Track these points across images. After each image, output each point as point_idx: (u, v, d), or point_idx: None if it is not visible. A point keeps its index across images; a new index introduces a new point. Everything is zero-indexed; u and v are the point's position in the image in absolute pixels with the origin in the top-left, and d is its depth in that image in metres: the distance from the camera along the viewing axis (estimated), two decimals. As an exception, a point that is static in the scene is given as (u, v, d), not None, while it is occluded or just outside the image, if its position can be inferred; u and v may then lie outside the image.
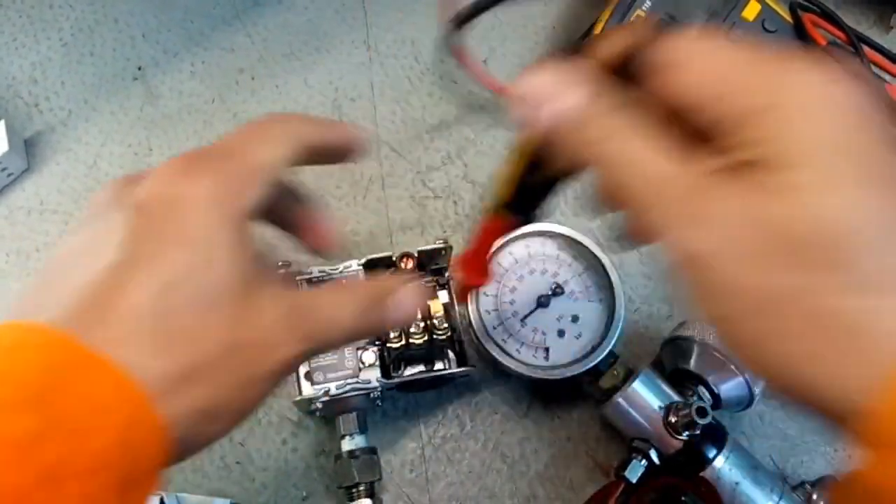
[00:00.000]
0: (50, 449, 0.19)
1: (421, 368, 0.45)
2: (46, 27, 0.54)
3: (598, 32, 0.49)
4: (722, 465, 0.39)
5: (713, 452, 0.39)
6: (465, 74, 0.53)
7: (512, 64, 0.54)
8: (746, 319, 0.20)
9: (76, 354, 0.21)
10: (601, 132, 0.23)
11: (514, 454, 0.45)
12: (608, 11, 0.49)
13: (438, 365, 0.45)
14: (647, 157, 0.22)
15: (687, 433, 0.39)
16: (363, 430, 0.42)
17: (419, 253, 0.44)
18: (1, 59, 0.53)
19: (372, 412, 0.44)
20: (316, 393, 0.40)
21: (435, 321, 0.43)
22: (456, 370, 0.43)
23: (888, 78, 0.49)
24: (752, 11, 0.49)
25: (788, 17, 0.49)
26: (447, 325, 0.43)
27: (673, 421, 0.39)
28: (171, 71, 0.53)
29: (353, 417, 0.41)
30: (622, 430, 0.42)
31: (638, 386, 0.40)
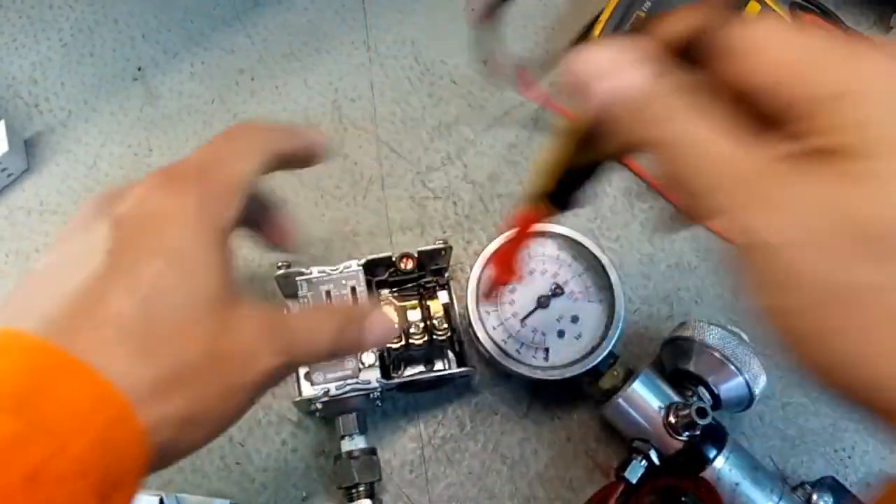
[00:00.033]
0: (33, 451, 0.19)
1: (421, 369, 0.45)
2: (46, 27, 0.54)
3: (597, 33, 0.49)
4: (722, 465, 0.39)
5: (713, 453, 0.39)
6: (494, 69, 0.51)
7: (512, 64, 0.54)
8: (813, 312, 0.19)
9: (58, 360, 0.21)
10: (665, 112, 0.22)
11: (513, 455, 0.45)
12: (608, 12, 0.49)
13: (438, 365, 0.45)
14: (713, 138, 0.21)
15: (687, 434, 0.39)
16: (363, 430, 0.42)
17: (419, 253, 0.44)
18: (1, 59, 0.53)
19: (372, 413, 0.44)
20: (316, 393, 0.40)
21: (435, 321, 0.43)
22: (456, 370, 0.43)
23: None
24: (752, 11, 0.49)
25: (788, 17, 0.49)
26: (447, 325, 0.43)
27: (673, 421, 0.39)
28: (170, 71, 0.53)
29: (352, 418, 0.41)
30: (622, 430, 0.42)
31: (638, 386, 0.40)
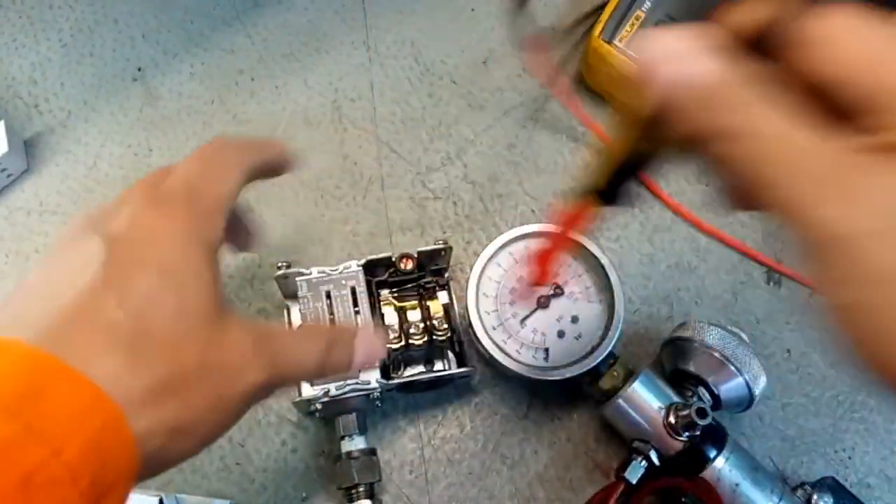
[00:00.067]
0: (28, 455, 0.19)
1: (421, 369, 0.45)
2: (46, 28, 0.54)
3: (597, 33, 0.49)
4: (722, 465, 0.39)
5: (713, 453, 0.39)
6: (528, 60, 0.50)
7: (512, 65, 0.54)
8: (893, 308, 0.18)
9: (52, 367, 0.21)
10: (737, 101, 0.21)
11: (513, 455, 0.45)
12: (608, 12, 0.49)
13: (438, 366, 0.45)
14: (787, 129, 0.21)
15: (687, 434, 0.39)
16: (363, 431, 0.42)
17: (419, 253, 0.44)
18: (1, 59, 0.53)
19: (371, 413, 0.44)
20: (316, 394, 0.40)
21: (435, 322, 0.43)
22: (456, 371, 0.43)
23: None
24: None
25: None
26: (447, 325, 0.43)
27: (673, 422, 0.39)
28: (170, 72, 0.53)
29: (352, 418, 0.41)
30: (622, 430, 0.42)
31: (638, 387, 0.40)
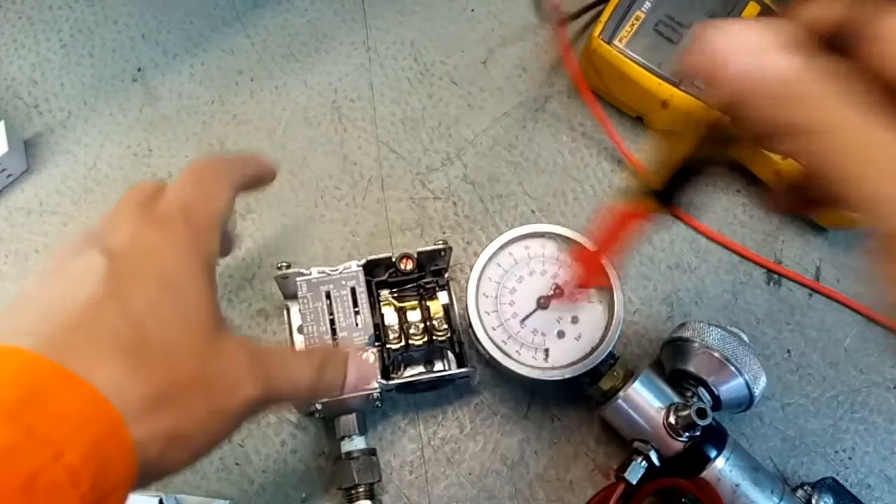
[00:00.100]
0: (30, 458, 0.20)
1: (420, 370, 0.45)
2: (46, 28, 0.54)
3: (596, 34, 0.49)
4: (722, 466, 0.39)
5: (713, 454, 0.39)
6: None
7: (511, 65, 0.54)
8: None
9: (54, 372, 0.22)
10: (816, 97, 0.22)
11: (513, 456, 0.44)
12: (608, 12, 0.49)
13: (438, 366, 0.45)
14: (866, 125, 0.21)
15: (687, 434, 0.39)
16: (362, 431, 0.42)
17: (418, 254, 0.44)
18: (0, 60, 0.53)
19: (371, 413, 0.44)
20: (315, 394, 0.40)
21: (434, 322, 0.43)
22: (455, 371, 0.42)
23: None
24: (751, 12, 0.49)
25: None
26: (447, 326, 0.43)
27: (673, 422, 0.39)
28: (170, 72, 0.53)
29: (352, 419, 0.41)
30: (622, 431, 0.42)
31: (638, 387, 0.40)
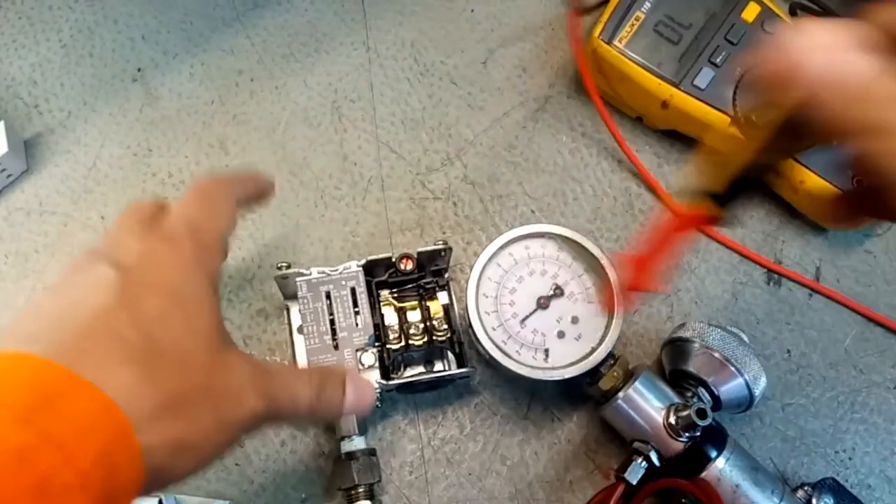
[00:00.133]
0: (42, 461, 0.20)
1: (420, 370, 0.45)
2: (46, 28, 0.54)
3: (596, 35, 0.49)
4: (722, 466, 0.39)
5: (713, 454, 0.39)
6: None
7: (511, 65, 0.54)
8: None
9: (65, 378, 0.22)
10: (890, 98, 0.22)
11: (513, 456, 0.44)
12: (608, 13, 0.49)
13: (438, 366, 0.45)
14: None
15: (687, 435, 0.39)
16: (362, 431, 0.42)
17: (418, 254, 0.44)
18: (0, 60, 0.53)
19: (371, 414, 0.44)
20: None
21: (434, 322, 0.43)
22: (455, 371, 0.42)
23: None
24: (751, 13, 0.49)
25: (788, 18, 0.49)
26: (447, 326, 0.43)
27: (673, 422, 0.39)
28: (170, 72, 0.53)
29: (352, 419, 0.41)
30: (622, 431, 0.42)
31: (638, 387, 0.40)
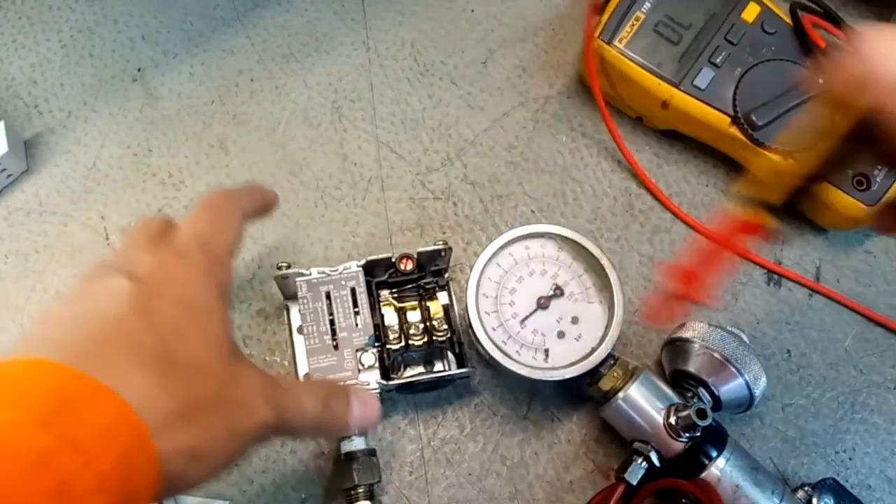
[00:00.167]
0: (61, 464, 0.20)
1: (420, 370, 0.45)
2: (46, 29, 0.54)
3: (597, 34, 0.49)
4: (722, 466, 0.39)
5: (714, 454, 0.39)
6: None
7: (511, 65, 0.54)
8: None
9: (83, 383, 0.23)
10: None
11: (513, 456, 0.44)
12: (608, 13, 0.49)
13: (438, 366, 0.45)
14: None
15: (687, 435, 0.39)
16: (362, 432, 0.42)
17: (418, 254, 0.44)
18: (0, 60, 0.53)
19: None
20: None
21: (434, 322, 0.43)
22: (455, 372, 0.42)
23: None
24: (751, 13, 0.49)
25: (788, 18, 0.49)
26: (447, 326, 0.43)
27: (673, 422, 0.39)
28: (170, 72, 0.53)
29: (352, 419, 0.41)
30: (622, 431, 0.42)
31: (638, 387, 0.40)
